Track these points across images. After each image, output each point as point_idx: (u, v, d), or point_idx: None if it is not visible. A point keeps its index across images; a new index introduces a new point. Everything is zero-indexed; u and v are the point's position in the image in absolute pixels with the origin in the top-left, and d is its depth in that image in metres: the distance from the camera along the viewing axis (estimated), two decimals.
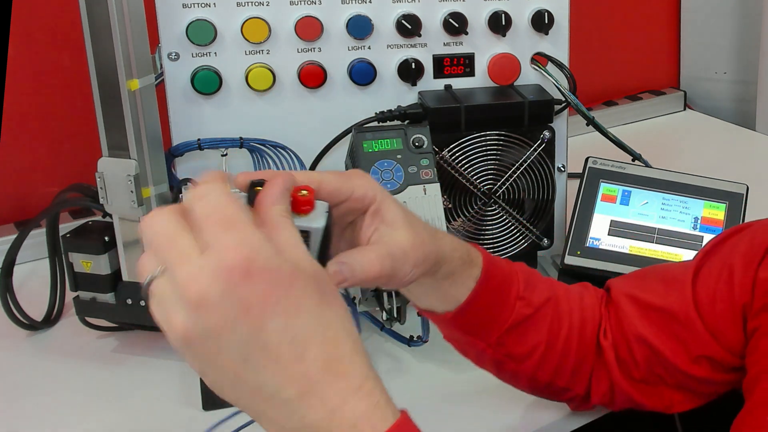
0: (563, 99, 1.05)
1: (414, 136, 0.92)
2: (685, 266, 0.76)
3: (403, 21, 0.99)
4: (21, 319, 1.04)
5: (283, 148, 0.98)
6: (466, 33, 1.02)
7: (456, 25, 1.01)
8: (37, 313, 1.06)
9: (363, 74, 1.00)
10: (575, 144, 1.15)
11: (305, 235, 0.55)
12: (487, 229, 1.05)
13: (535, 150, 1.03)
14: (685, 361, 0.74)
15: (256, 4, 0.96)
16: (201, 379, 0.69)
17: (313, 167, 1.00)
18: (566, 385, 0.78)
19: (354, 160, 0.92)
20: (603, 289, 0.81)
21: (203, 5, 0.95)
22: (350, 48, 1.00)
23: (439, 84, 1.03)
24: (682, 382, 0.75)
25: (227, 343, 0.48)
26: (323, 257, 0.58)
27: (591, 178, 1.05)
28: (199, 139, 0.96)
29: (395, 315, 0.90)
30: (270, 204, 0.53)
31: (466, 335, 0.75)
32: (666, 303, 0.74)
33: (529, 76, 1.06)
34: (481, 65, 1.04)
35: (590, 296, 0.79)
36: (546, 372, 0.77)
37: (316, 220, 0.57)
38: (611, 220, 1.03)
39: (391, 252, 0.62)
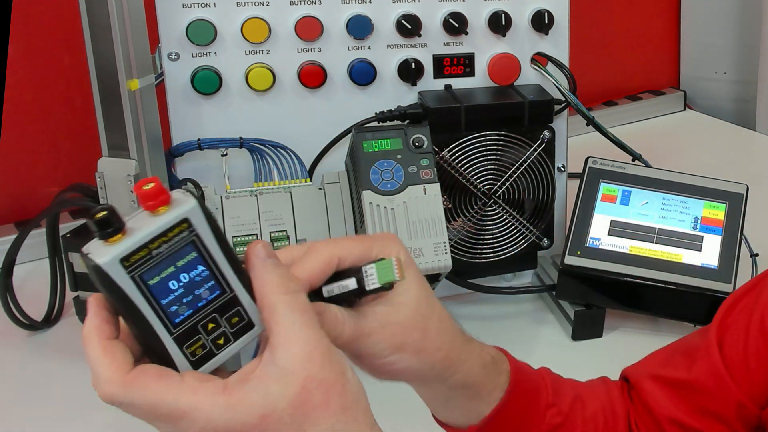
0: (563, 99, 1.05)
1: (414, 136, 0.91)
2: (705, 331, 0.73)
3: (403, 21, 0.99)
4: (21, 319, 1.05)
5: (283, 148, 0.98)
6: (466, 33, 1.02)
7: (456, 25, 1.01)
8: (37, 313, 1.06)
9: (363, 74, 1.00)
10: (575, 144, 1.15)
11: (185, 225, 0.46)
12: (487, 229, 1.05)
13: (535, 150, 1.03)
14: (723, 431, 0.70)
15: (256, 4, 0.96)
16: None
17: (313, 167, 1.00)
18: None
19: (354, 160, 0.92)
20: (620, 378, 0.75)
21: (203, 5, 0.95)
22: (350, 48, 1.00)
23: (439, 84, 1.03)
24: None
25: None
26: (229, 254, 0.47)
27: (591, 178, 1.05)
28: (199, 139, 0.96)
29: None
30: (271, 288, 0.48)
31: None
32: (693, 375, 0.70)
33: (529, 76, 1.06)
34: (481, 65, 1.04)
35: (614, 389, 0.74)
36: None
37: (183, 204, 0.46)
38: (611, 220, 1.03)
39: (368, 325, 0.54)
